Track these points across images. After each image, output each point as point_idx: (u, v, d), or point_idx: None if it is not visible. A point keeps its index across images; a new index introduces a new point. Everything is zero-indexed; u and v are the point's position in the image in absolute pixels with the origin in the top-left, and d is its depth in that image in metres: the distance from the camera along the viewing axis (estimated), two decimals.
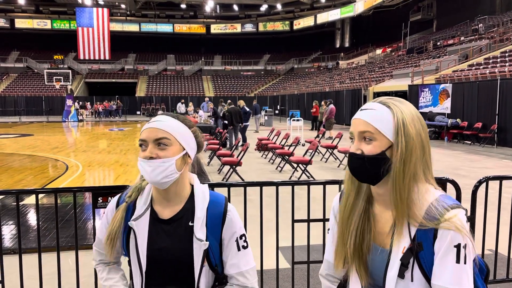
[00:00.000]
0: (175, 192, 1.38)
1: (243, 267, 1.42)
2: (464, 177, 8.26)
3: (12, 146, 14.84)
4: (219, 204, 1.43)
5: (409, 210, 1.12)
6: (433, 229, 1.09)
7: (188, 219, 1.37)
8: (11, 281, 3.12)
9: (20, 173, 9.23)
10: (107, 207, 1.51)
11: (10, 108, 39.49)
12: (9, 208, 5.92)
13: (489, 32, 26.04)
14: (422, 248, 1.10)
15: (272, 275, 3.60)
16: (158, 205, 1.40)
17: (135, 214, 1.39)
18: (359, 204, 1.23)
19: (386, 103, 1.17)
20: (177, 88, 48.28)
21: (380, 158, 1.13)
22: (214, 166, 10.04)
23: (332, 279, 1.38)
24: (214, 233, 1.39)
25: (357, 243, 1.21)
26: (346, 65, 43.75)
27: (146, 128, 1.34)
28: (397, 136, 1.12)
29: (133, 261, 1.39)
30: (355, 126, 1.18)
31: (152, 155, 1.30)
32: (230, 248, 1.41)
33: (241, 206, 3.18)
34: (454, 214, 1.09)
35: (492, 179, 3.38)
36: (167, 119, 1.37)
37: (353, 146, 1.18)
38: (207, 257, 1.36)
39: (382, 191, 1.18)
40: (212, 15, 56.17)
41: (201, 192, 1.42)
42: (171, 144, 1.33)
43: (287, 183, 3.36)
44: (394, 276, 1.12)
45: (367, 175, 1.16)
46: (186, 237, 1.36)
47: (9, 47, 51.98)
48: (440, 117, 15.94)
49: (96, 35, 44.53)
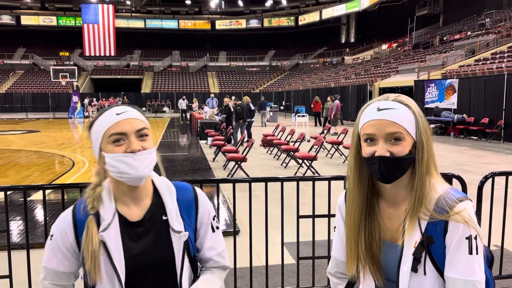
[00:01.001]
0: (143, 188, 1.27)
1: (219, 247, 1.38)
2: (470, 173, 8.22)
3: (19, 143, 14.95)
4: (187, 190, 1.36)
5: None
6: (443, 222, 1.11)
7: (161, 214, 1.27)
8: (19, 276, 3.15)
9: (27, 169, 9.30)
10: (54, 229, 1.26)
11: (16, 105, 39.75)
12: (17, 203, 5.97)
13: (496, 27, 25.80)
14: (433, 242, 1.12)
15: (277, 270, 3.61)
16: (123, 207, 1.26)
17: (102, 224, 1.21)
18: (366, 202, 1.23)
19: (403, 102, 1.17)
20: (182, 84, 48.33)
21: (410, 157, 1.14)
22: (219, 162, 10.06)
23: (341, 276, 1.39)
24: (190, 221, 1.32)
25: (368, 243, 1.22)
26: (352, 60, 43.54)
27: (120, 119, 1.20)
28: (420, 134, 1.15)
29: (106, 277, 1.21)
30: (379, 128, 1.13)
31: (139, 147, 1.20)
32: (206, 231, 1.35)
33: (246, 202, 3.19)
34: (463, 207, 1.11)
35: (498, 174, 3.36)
36: (132, 108, 1.26)
37: (379, 148, 1.13)
38: (186, 249, 1.28)
39: (394, 189, 1.19)
40: (217, 11, 56.09)
41: (164, 183, 1.32)
42: (149, 133, 1.25)
43: (292, 179, 3.37)
44: (407, 271, 1.13)
45: (397, 176, 1.15)
46: (163, 233, 1.26)
47: (15, 44, 52.24)
48: (446, 113, 15.85)
49: (101, 31, 44.67)
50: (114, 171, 1.20)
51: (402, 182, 1.17)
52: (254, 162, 10.01)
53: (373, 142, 1.15)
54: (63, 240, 1.25)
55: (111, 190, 1.27)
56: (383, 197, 1.24)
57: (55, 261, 1.26)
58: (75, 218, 1.25)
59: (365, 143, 1.17)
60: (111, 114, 1.22)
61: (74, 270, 1.29)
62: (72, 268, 1.28)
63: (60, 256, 1.26)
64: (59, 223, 1.27)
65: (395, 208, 1.21)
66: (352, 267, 1.26)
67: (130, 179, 1.20)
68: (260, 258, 3.95)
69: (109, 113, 1.22)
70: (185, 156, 11.29)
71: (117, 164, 1.19)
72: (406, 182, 1.18)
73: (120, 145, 1.19)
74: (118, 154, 1.19)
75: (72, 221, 1.25)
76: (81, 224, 1.23)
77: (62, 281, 1.29)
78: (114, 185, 1.26)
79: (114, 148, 1.19)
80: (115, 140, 1.19)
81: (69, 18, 53.51)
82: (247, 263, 3.25)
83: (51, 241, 1.26)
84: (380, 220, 1.23)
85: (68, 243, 1.25)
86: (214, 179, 3.43)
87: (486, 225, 3.43)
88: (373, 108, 1.16)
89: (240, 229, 4.87)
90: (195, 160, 10.49)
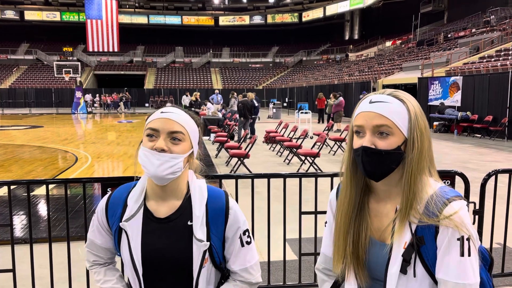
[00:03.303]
0: (172, 189, 1.30)
1: (247, 263, 1.36)
2: (473, 170, 8.20)
3: (22, 138, 15.00)
4: (219, 199, 1.35)
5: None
6: (433, 225, 1.07)
7: (187, 218, 1.29)
8: (23, 270, 3.17)
9: (30, 164, 9.34)
10: (97, 207, 1.41)
11: (20, 100, 39.85)
12: (20, 198, 6.00)
13: (501, 24, 25.63)
14: (424, 243, 1.08)
15: (279, 266, 3.62)
16: (152, 203, 1.31)
17: (127, 214, 1.30)
18: (358, 200, 1.20)
19: (397, 96, 1.13)
20: (186, 81, 48.33)
21: (397, 153, 1.10)
22: (222, 158, 10.07)
23: (329, 273, 1.35)
24: (217, 231, 1.31)
25: (355, 242, 1.19)
26: (355, 57, 43.40)
27: (160, 117, 1.26)
28: (413, 132, 1.10)
29: (127, 264, 1.30)
30: (367, 119, 1.11)
31: (164, 147, 1.23)
32: (233, 245, 1.34)
33: (248, 198, 3.19)
34: (454, 210, 1.06)
35: (502, 172, 3.35)
36: (181, 112, 1.29)
37: (365, 140, 1.11)
38: (210, 256, 1.30)
39: (386, 186, 1.16)
40: (220, 7, 55.98)
41: (198, 188, 1.34)
42: (184, 140, 1.26)
43: (294, 175, 3.37)
44: (396, 272, 1.09)
45: (381, 171, 1.11)
46: (185, 237, 1.28)
47: (19, 39, 52.34)
48: (450, 110, 15.79)
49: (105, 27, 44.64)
50: (141, 162, 1.27)
51: (392, 179, 1.14)
52: (257, 158, 10.01)
53: (361, 135, 1.13)
54: (100, 218, 1.38)
55: (145, 185, 1.34)
56: (374, 194, 1.21)
57: (93, 234, 1.41)
58: (108, 201, 1.38)
59: (355, 135, 1.15)
60: (159, 111, 1.30)
61: (109, 247, 1.41)
62: (107, 244, 1.41)
63: (97, 231, 1.40)
64: (99, 205, 1.41)
65: (385, 205, 1.18)
66: (338, 266, 1.23)
67: (150, 176, 1.26)
68: (262, 254, 3.96)
69: (159, 110, 1.31)
70: None
71: (143, 157, 1.26)
72: (397, 180, 1.14)
73: (151, 140, 1.25)
74: (146, 148, 1.25)
75: (106, 203, 1.38)
76: (111, 208, 1.36)
77: (100, 253, 1.43)
78: (148, 180, 1.33)
79: (146, 141, 1.27)
80: (149, 134, 1.26)
81: (73, 13, 53.54)
82: None
83: (94, 216, 1.41)
84: (368, 219, 1.19)
85: (105, 223, 1.38)
86: (216, 175, 3.44)
87: (488, 223, 3.42)
88: (367, 100, 1.15)
89: None
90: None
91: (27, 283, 3.02)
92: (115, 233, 1.33)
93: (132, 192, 1.34)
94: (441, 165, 8.99)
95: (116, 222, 1.33)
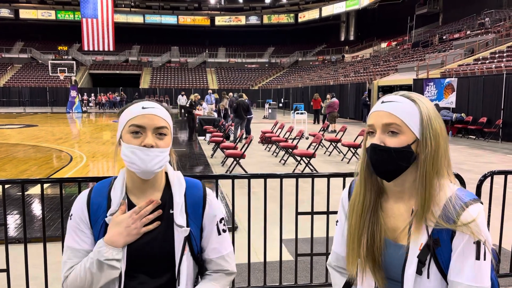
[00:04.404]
0: (154, 181, 1.33)
1: (223, 251, 1.39)
2: (468, 172, 8.23)
3: (16, 137, 14.91)
4: (197, 188, 1.39)
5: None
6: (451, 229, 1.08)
7: (169, 207, 1.32)
8: (17, 270, 3.14)
9: (24, 164, 9.28)
10: (72, 209, 1.35)
11: (14, 99, 39.66)
12: (14, 197, 5.96)
13: (496, 26, 25.79)
14: (439, 245, 1.08)
15: (275, 267, 3.61)
16: (134, 197, 1.33)
17: (112, 209, 1.30)
18: (370, 201, 1.20)
19: (410, 97, 1.14)
20: (181, 80, 48.24)
21: (407, 151, 1.10)
22: (217, 158, 10.05)
23: (342, 270, 1.36)
24: (195, 218, 1.35)
25: (369, 244, 1.18)
26: (351, 58, 43.52)
27: (144, 113, 1.26)
28: (426, 131, 1.10)
29: None
30: (377, 118, 1.13)
31: (153, 143, 1.25)
32: (210, 233, 1.37)
33: (245, 198, 3.19)
34: (472, 218, 1.06)
35: (497, 173, 3.36)
36: (160, 106, 1.31)
37: (375, 138, 1.12)
38: (189, 244, 1.32)
39: (398, 187, 1.16)
40: (216, 7, 55.94)
41: (176, 178, 1.37)
42: (168, 133, 1.30)
43: (291, 175, 3.37)
44: (412, 273, 1.10)
45: (391, 169, 1.11)
46: (167, 226, 1.30)
47: (14, 38, 52.02)
48: (445, 112, 15.86)
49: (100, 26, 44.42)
50: (126, 160, 1.26)
51: (406, 180, 1.14)
52: (252, 158, 10.01)
53: (373, 134, 1.14)
54: (80, 219, 1.33)
55: (125, 179, 1.34)
56: (388, 194, 1.21)
57: (72, 239, 1.33)
58: (90, 200, 1.34)
59: (368, 136, 1.16)
60: (138, 106, 1.28)
61: (89, 249, 1.34)
62: (87, 246, 1.34)
63: (79, 234, 1.33)
64: (77, 202, 1.36)
65: (399, 206, 1.18)
66: (353, 267, 1.22)
67: (138, 171, 1.26)
68: (258, 255, 3.95)
69: (137, 105, 1.29)
70: (183, 152, 11.28)
71: (129, 154, 1.25)
72: (411, 182, 1.14)
73: (137, 137, 1.26)
74: (132, 145, 1.25)
75: (87, 200, 1.34)
76: (94, 205, 1.33)
77: (79, 258, 1.34)
78: (128, 174, 1.33)
79: (131, 138, 1.26)
80: (133, 131, 1.26)
81: (68, 12, 53.29)
82: (245, 259, 3.25)
83: (70, 221, 1.35)
84: (382, 220, 1.19)
85: (85, 221, 1.33)
86: (213, 175, 3.43)
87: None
88: (379, 101, 1.16)
89: (239, 225, 4.87)
90: (193, 156, 10.48)
91: (21, 283, 3.00)
92: (100, 228, 1.31)
93: (113, 186, 1.35)
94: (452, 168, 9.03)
95: (100, 217, 1.31)
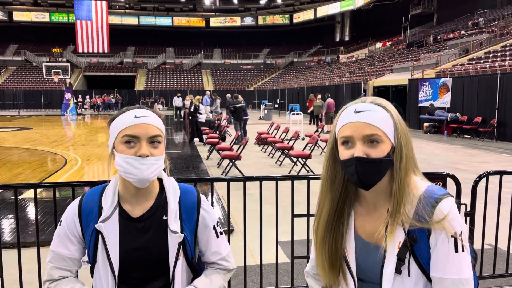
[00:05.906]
0: (148, 189, 1.33)
1: (223, 252, 1.44)
2: (463, 171, 8.26)
3: (10, 140, 14.81)
4: (191, 194, 1.40)
5: None
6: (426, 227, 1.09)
7: (162, 213, 1.33)
8: (11, 275, 3.11)
9: (18, 167, 9.21)
10: (63, 216, 1.37)
11: (8, 102, 39.41)
12: (8, 202, 5.91)
13: (490, 26, 25.94)
14: (417, 241, 1.09)
15: (271, 269, 3.60)
16: (127, 204, 1.33)
17: (103, 216, 1.30)
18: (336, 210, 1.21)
19: (381, 104, 1.14)
20: (176, 82, 48.16)
21: (388, 160, 1.11)
22: (213, 160, 10.03)
23: (319, 278, 1.35)
24: (189, 224, 1.36)
25: (333, 252, 1.20)
26: (346, 59, 43.59)
27: (137, 123, 1.25)
28: (399, 137, 1.12)
29: (102, 267, 1.29)
30: (357, 130, 1.10)
31: (148, 153, 1.24)
32: (209, 237, 1.40)
33: (240, 200, 3.17)
34: (443, 215, 1.07)
35: (493, 174, 3.37)
36: (152, 114, 1.30)
37: (357, 150, 1.09)
38: (183, 250, 1.33)
39: (374, 193, 1.16)
40: (211, 8, 55.91)
41: (171, 184, 1.37)
42: (162, 141, 1.29)
43: (287, 177, 3.35)
44: (391, 272, 1.11)
45: (375, 180, 1.11)
46: (160, 232, 1.31)
47: (7, 40, 51.73)
48: (440, 111, 15.92)
49: (94, 28, 44.34)
50: (121, 170, 1.26)
51: (380, 186, 1.14)
52: (249, 160, 9.99)
53: (350, 145, 1.12)
54: (70, 227, 1.34)
55: (118, 186, 1.34)
56: (361, 202, 1.21)
57: (61, 246, 1.35)
58: (81, 205, 1.35)
59: (342, 146, 1.14)
60: (130, 115, 1.27)
61: (77, 256, 1.37)
62: (76, 254, 1.36)
63: (66, 242, 1.34)
64: (67, 211, 1.37)
65: (375, 212, 1.19)
66: (325, 275, 1.24)
67: (134, 181, 1.25)
68: (254, 257, 3.94)
69: (129, 114, 1.27)
70: (179, 154, 11.25)
71: (124, 165, 1.24)
72: (384, 186, 1.15)
73: (131, 147, 1.25)
74: (127, 156, 1.24)
75: (78, 207, 1.35)
76: (86, 213, 1.34)
77: (68, 266, 1.37)
78: (121, 181, 1.33)
79: (125, 148, 1.25)
80: (127, 141, 1.25)
81: (62, 14, 53.09)
82: (241, 262, 3.23)
83: (60, 227, 1.36)
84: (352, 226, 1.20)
85: (75, 230, 1.34)
86: (208, 178, 3.40)
87: (480, 224, 3.43)
88: (350, 110, 1.14)
89: (235, 228, 4.85)
90: (188, 158, 10.45)
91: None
92: (91, 235, 1.31)
93: (104, 194, 1.35)
94: (432, 166, 9.05)
95: (91, 224, 1.32)
